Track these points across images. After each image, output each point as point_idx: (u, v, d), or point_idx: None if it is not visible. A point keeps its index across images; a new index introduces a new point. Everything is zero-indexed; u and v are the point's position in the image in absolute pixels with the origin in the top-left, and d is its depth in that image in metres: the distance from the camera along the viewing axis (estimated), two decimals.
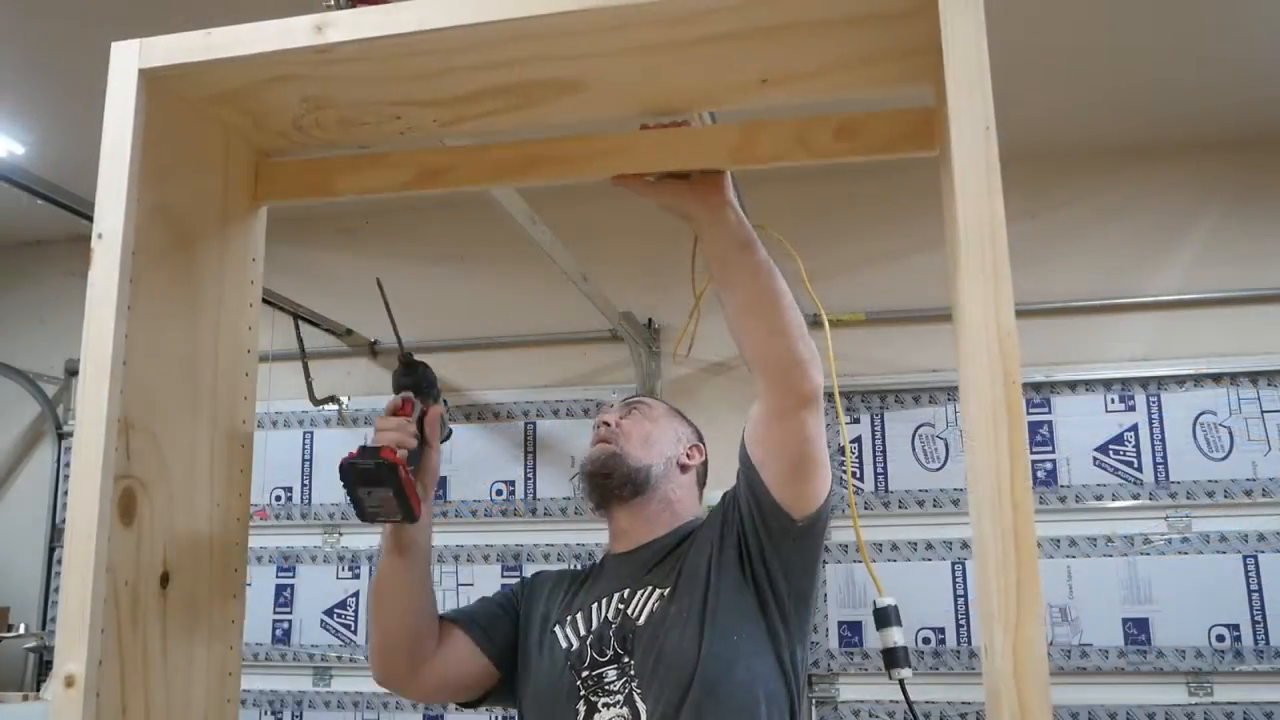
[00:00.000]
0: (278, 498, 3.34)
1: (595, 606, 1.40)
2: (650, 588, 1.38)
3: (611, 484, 1.46)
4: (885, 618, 1.84)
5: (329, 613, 3.24)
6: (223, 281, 1.06)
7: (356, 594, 3.23)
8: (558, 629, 1.41)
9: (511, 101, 1.02)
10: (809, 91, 1.02)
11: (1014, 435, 0.71)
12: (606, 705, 1.30)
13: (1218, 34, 2.42)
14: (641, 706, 1.28)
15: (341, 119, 1.05)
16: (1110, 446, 2.88)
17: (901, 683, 1.81)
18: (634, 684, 1.30)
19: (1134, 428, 2.88)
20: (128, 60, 0.93)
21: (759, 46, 0.93)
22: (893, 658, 1.83)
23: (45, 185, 2.01)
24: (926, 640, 2.85)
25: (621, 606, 1.38)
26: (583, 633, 1.38)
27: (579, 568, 1.55)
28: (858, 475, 3.00)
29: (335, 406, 3.33)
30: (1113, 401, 2.91)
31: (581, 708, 1.31)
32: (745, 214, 1.22)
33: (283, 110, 1.03)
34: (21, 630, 3.22)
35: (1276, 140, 2.95)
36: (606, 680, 1.32)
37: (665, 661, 1.29)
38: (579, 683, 1.33)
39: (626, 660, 1.32)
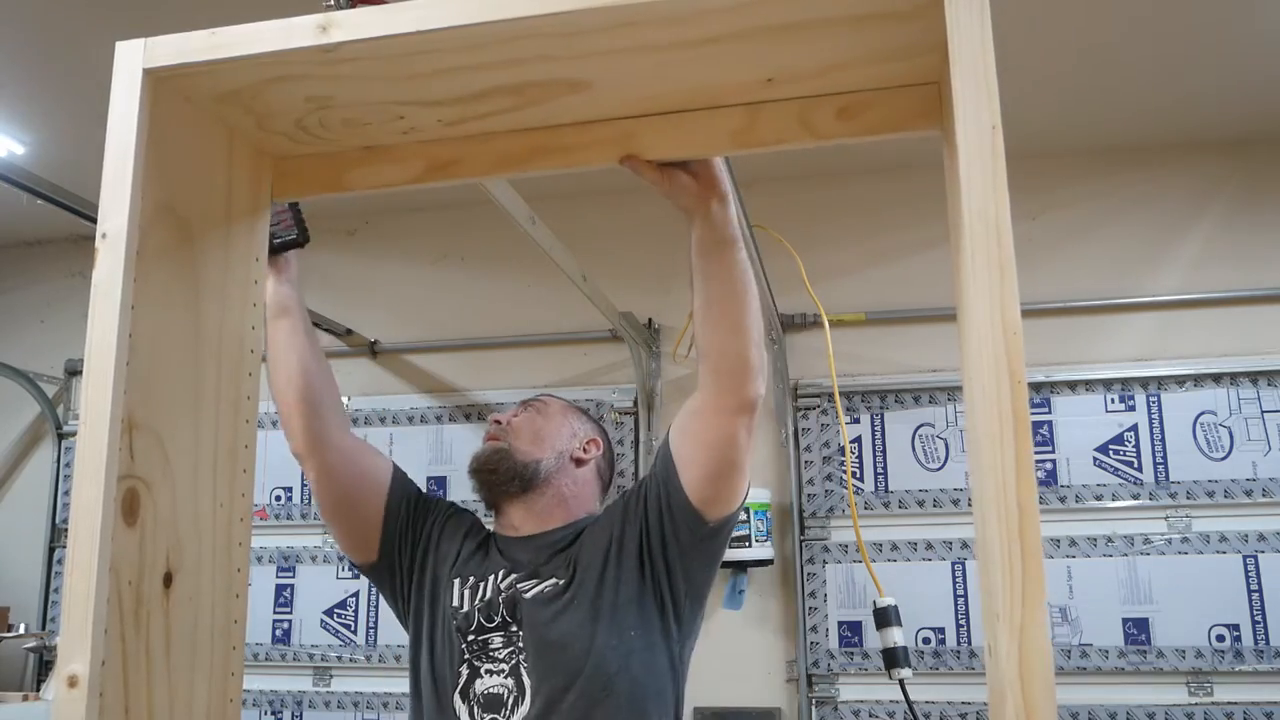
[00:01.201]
0: (278, 498, 3.34)
1: (490, 579, 1.41)
2: (544, 577, 1.39)
3: (497, 479, 1.48)
4: (885, 618, 1.85)
5: (329, 613, 3.24)
6: (226, 281, 1.06)
7: (356, 594, 3.23)
8: (457, 583, 1.43)
9: (515, 101, 1.02)
10: (814, 90, 1.02)
11: (1019, 435, 0.71)
12: (489, 672, 1.32)
13: (1218, 34, 2.42)
14: (527, 681, 1.29)
15: (345, 119, 1.05)
16: (1110, 446, 2.88)
17: (901, 683, 1.81)
18: (521, 657, 1.32)
19: (1134, 428, 2.88)
20: (132, 60, 0.92)
21: (764, 46, 0.93)
22: (893, 658, 1.84)
23: (45, 185, 2.01)
24: (926, 640, 2.85)
25: (513, 582, 1.39)
26: (474, 600, 1.39)
27: (477, 522, 1.57)
28: (858, 475, 3.00)
29: None
30: (1113, 401, 2.91)
31: (465, 670, 1.34)
32: (744, 214, 1.23)
33: (286, 110, 1.03)
34: (21, 630, 3.22)
35: (1276, 140, 2.96)
36: (491, 646, 1.34)
37: (556, 643, 1.30)
38: (464, 646, 1.35)
39: (514, 630, 1.34)
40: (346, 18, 0.90)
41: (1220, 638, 2.72)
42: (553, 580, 1.38)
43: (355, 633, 3.20)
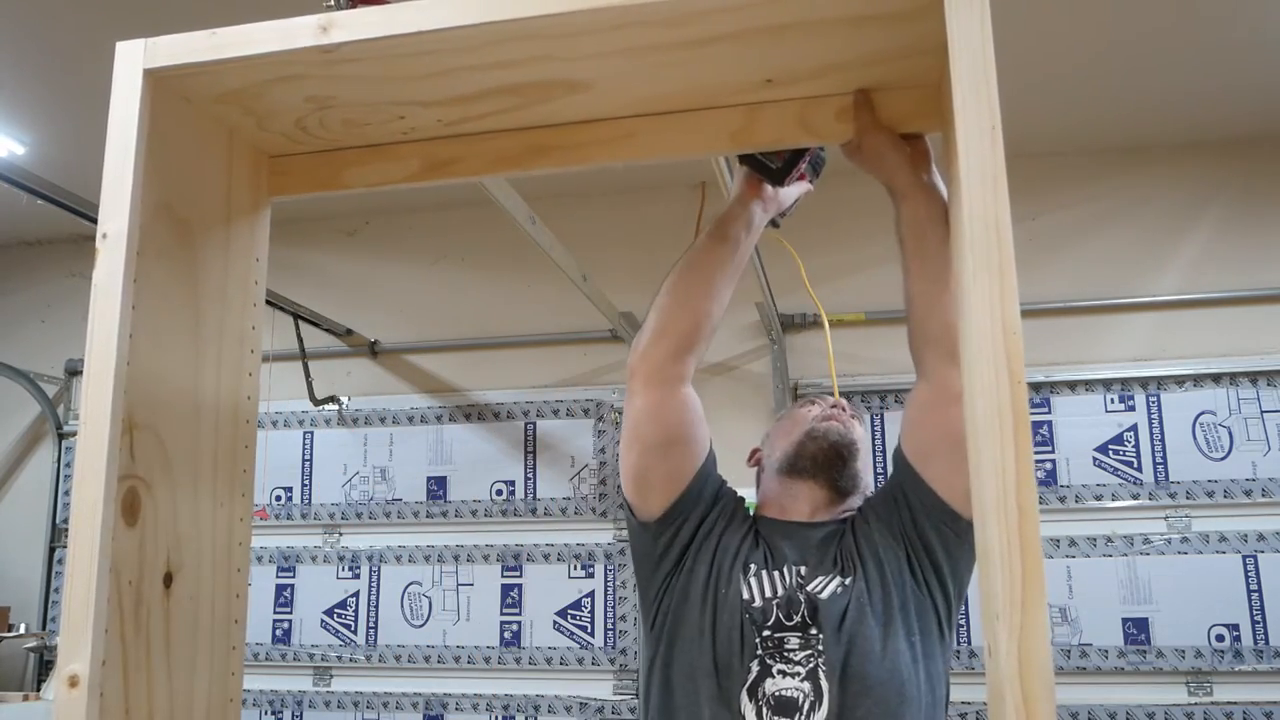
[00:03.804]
0: (278, 498, 3.34)
1: (778, 573, 1.35)
2: (828, 574, 1.34)
3: (845, 471, 1.45)
4: None
5: (329, 613, 3.24)
6: (226, 281, 1.06)
7: (356, 594, 3.23)
8: (741, 574, 1.35)
9: (515, 101, 1.02)
10: (814, 91, 1.02)
11: (1019, 436, 0.71)
12: (783, 673, 1.25)
13: (1218, 34, 2.42)
14: (825, 685, 1.23)
15: (345, 119, 1.05)
16: (1110, 446, 2.88)
17: None
18: (820, 660, 1.25)
19: (1134, 428, 2.88)
20: (132, 61, 0.92)
21: (763, 46, 0.93)
22: None
23: (45, 185, 2.01)
24: None
25: (802, 581, 1.33)
26: (768, 593, 1.32)
27: (741, 504, 1.49)
28: None
29: (335, 406, 3.33)
30: (1112, 401, 2.91)
31: (755, 666, 1.26)
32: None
33: (286, 110, 1.03)
34: (21, 630, 3.22)
35: (1276, 140, 2.96)
36: (788, 647, 1.27)
37: (856, 649, 1.25)
38: (757, 641, 1.28)
39: (814, 633, 1.27)
40: (347, 18, 0.90)
41: (1220, 638, 2.72)
42: (838, 579, 1.32)
43: (355, 633, 3.20)
